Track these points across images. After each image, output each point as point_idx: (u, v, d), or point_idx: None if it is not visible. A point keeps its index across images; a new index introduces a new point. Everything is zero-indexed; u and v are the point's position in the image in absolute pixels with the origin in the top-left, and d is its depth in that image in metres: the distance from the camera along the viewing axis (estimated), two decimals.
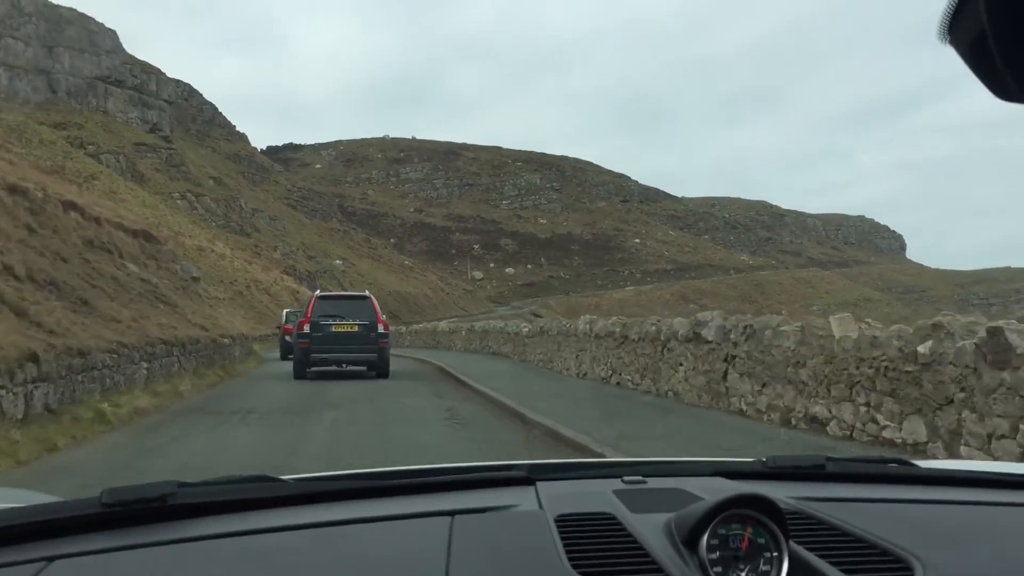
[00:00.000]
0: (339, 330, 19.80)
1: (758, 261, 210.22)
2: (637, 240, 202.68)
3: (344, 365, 20.60)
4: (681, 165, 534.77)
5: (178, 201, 71.85)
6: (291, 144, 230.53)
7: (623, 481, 1.53)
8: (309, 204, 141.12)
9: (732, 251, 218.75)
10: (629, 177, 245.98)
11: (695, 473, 1.63)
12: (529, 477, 1.54)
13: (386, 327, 20.27)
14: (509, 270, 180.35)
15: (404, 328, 51.31)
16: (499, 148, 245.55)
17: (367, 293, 21.92)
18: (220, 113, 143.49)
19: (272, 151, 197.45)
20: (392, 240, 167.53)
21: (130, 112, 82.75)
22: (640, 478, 1.54)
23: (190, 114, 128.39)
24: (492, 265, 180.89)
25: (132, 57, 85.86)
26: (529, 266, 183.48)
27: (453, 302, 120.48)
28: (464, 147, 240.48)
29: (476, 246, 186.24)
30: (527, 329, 25.21)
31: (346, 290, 49.98)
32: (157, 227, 54.54)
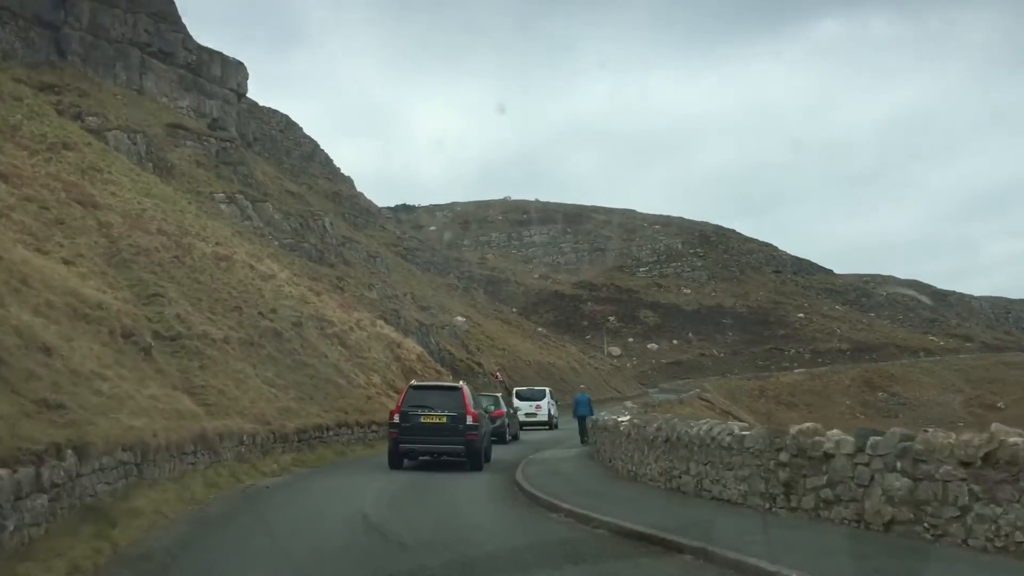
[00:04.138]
0: (427, 421, 19.37)
1: (949, 343, 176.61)
2: (801, 315, 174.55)
3: (438, 456, 19.99)
4: (805, 247, 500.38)
5: (222, 205, 46.64)
6: (404, 205, 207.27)
7: None
8: (422, 255, 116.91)
9: (908, 330, 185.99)
10: (776, 247, 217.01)
11: None
12: None
13: (476, 419, 19.76)
14: (651, 346, 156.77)
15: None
16: (633, 211, 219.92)
17: (460, 384, 22.08)
18: (322, 150, 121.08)
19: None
20: (514, 309, 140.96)
21: (179, 98, 58.93)
22: None
23: (284, 147, 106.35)
24: (631, 340, 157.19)
25: (188, 33, 62.34)
26: (675, 341, 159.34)
27: (604, 379, 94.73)
28: (594, 209, 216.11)
29: (611, 318, 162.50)
30: None
31: (470, 351, 48.51)
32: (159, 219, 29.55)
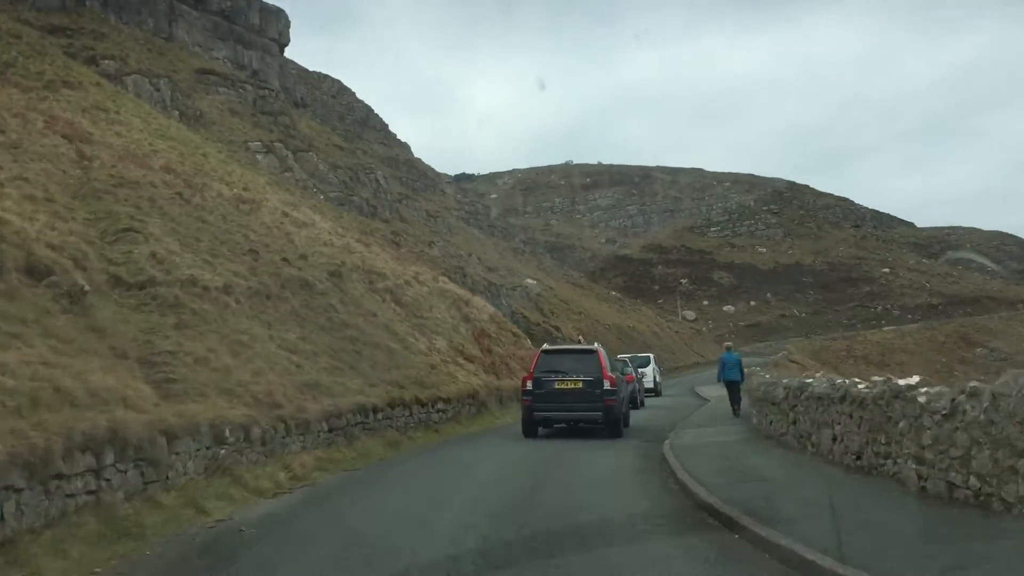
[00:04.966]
0: (562, 387, 18.22)
1: None
2: (886, 270, 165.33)
3: (575, 423, 18.94)
4: (880, 201, 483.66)
5: (258, 156, 40.54)
6: (463, 174, 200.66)
7: None
8: (485, 220, 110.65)
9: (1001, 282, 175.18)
10: (853, 201, 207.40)
11: None
12: None
13: (613, 383, 18.43)
14: (728, 308, 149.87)
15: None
16: (700, 170, 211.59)
17: (596, 346, 20.78)
18: (376, 115, 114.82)
19: None
20: (581, 275, 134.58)
21: (213, 48, 52.93)
22: None
23: (337, 112, 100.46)
24: (705, 303, 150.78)
25: None
26: (752, 303, 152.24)
27: (685, 343, 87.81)
28: (660, 169, 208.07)
29: (684, 280, 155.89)
30: None
31: (545, 314, 46.55)
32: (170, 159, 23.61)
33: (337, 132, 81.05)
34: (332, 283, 20.23)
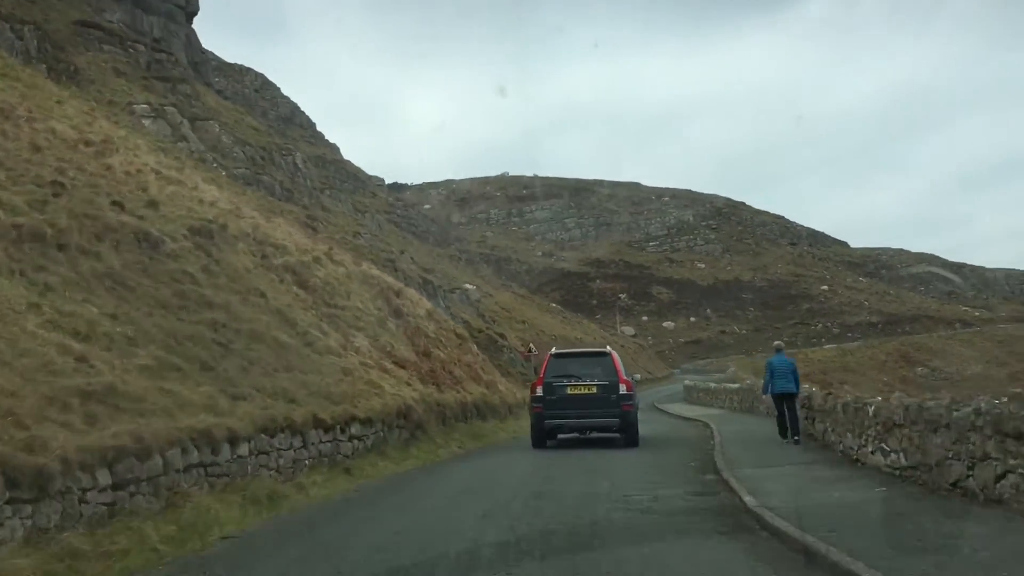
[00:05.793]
0: (575, 392, 16.99)
1: (987, 315, 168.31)
2: (825, 287, 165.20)
3: (587, 432, 17.77)
4: (813, 221, 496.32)
5: (145, 121, 33.16)
6: (396, 183, 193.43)
7: None
8: (419, 225, 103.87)
9: (938, 301, 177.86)
10: (788, 219, 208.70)
11: None
12: None
13: (629, 387, 17.44)
14: (667, 324, 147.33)
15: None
16: (638, 184, 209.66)
17: (608, 349, 19.19)
18: (303, 113, 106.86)
19: None
20: (520, 289, 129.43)
21: (106, 9, 45.10)
22: None
23: (260, 107, 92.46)
24: (645, 318, 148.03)
25: None
26: (692, 319, 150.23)
27: (631, 359, 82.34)
28: (597, 183, 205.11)
29: (623, 295, 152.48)
30: None
31: (488, 321, 43.96)
32: None
33: (255, 121, 73.47)
34: (195, 244, 13.39)
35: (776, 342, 17.60)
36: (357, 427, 12.61)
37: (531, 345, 37.04)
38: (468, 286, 53.99)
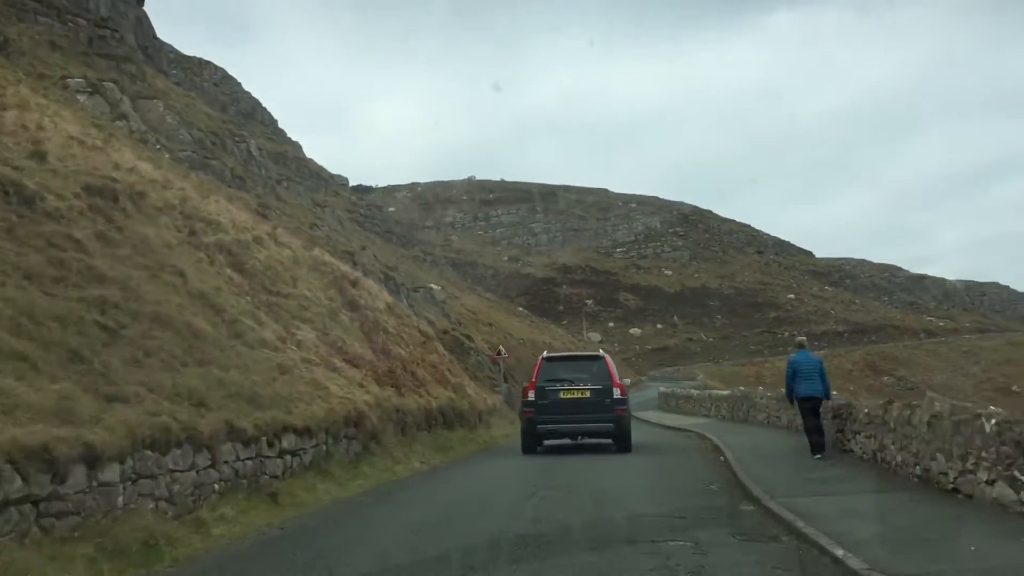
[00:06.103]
0: (568, 396, 16.67)
1: (951, 325, 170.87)
2: (792, 296, 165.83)
3: (580, 437, 17.52)
4: (777, 231, 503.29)
5: (80, 96, 30.03)
6: (360, 185, 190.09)
7: None
8: (383, 225, 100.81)
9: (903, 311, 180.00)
10: (752, 227, 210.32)
11: None
12: None
13: (623, 392, 17.33)
14: (634, 331, 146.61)
15: None
16: (606, 190, 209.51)
17: (601, 352, 18.93)
18: (264, 109, 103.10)
19: None
20: (485, 291, 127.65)
21: None
22: None
23: (220, 102, 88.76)
24: (611, 324, 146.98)
25: None
26: (659, 326, 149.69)
27: None
28: (564, 188, 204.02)
29: (589, 301, 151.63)
30: None
31: (454, 322, 43.41)
32: None
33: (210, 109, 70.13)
34: (89, 206, 10.56)
35: (799, 337, 14.95)
36: (291, 439, 9.82)
37: (500, 348, 34.51)
38: (433, 286, 51.24)
